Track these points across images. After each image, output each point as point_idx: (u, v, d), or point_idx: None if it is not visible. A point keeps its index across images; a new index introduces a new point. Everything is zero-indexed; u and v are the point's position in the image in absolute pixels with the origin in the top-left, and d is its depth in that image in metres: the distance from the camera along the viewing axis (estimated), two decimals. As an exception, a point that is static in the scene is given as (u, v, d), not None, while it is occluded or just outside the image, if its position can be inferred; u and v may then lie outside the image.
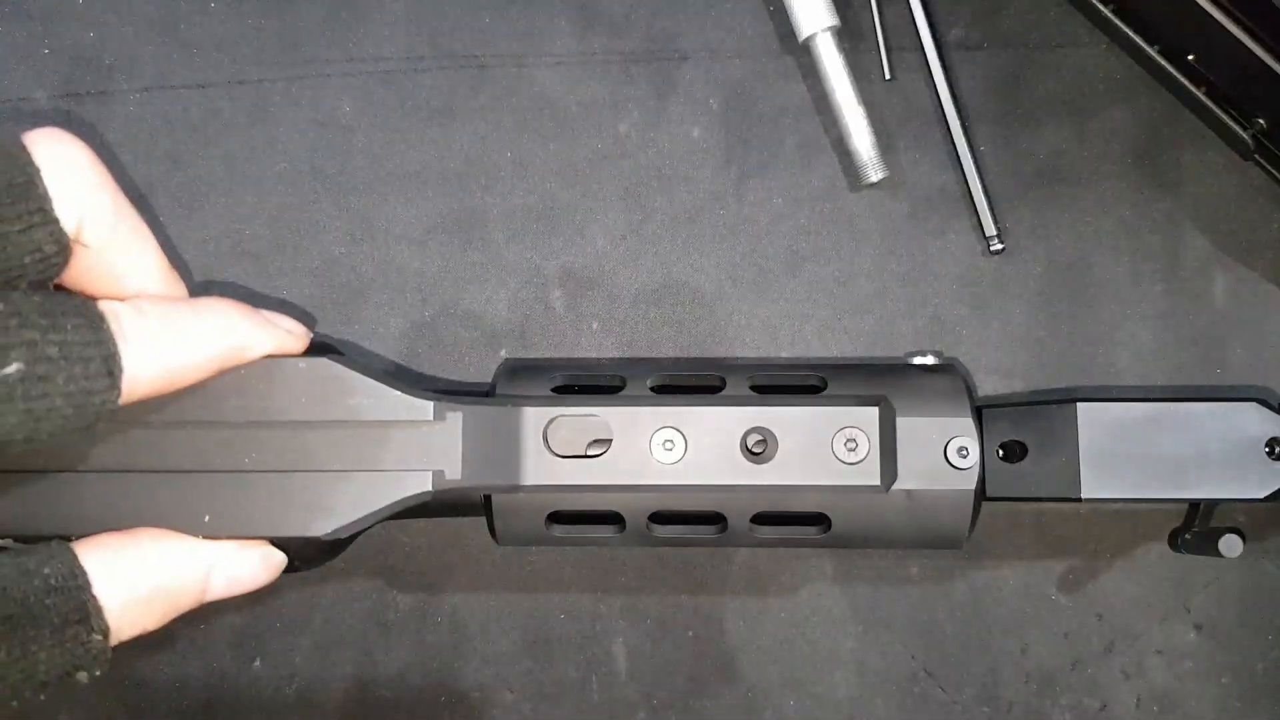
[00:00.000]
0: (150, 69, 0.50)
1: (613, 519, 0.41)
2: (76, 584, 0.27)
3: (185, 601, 0.30)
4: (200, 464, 0.35)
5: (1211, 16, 0.44)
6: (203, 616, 0.48)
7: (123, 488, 0.34)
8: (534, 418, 0.38)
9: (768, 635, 0.48)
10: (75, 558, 0.27)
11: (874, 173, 0.48)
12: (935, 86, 0.49)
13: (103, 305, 0.26)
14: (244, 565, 0.32)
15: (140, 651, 0.48)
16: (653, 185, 0.49)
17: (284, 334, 0.33)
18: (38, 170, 0.25)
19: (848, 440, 0.38)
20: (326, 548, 0.37)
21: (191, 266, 0.49)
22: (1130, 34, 0.48)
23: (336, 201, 0.49)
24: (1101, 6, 0.48)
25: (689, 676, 0.48)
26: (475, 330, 0.49)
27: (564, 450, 0.38)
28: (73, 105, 0.50)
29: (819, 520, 0.41)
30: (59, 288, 0.29)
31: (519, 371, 0.43)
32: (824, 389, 0.42)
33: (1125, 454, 0.42)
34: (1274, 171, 0.47)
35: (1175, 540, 0.47)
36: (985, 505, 0.43)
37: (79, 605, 0.26)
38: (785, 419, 0.38)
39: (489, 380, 0.47)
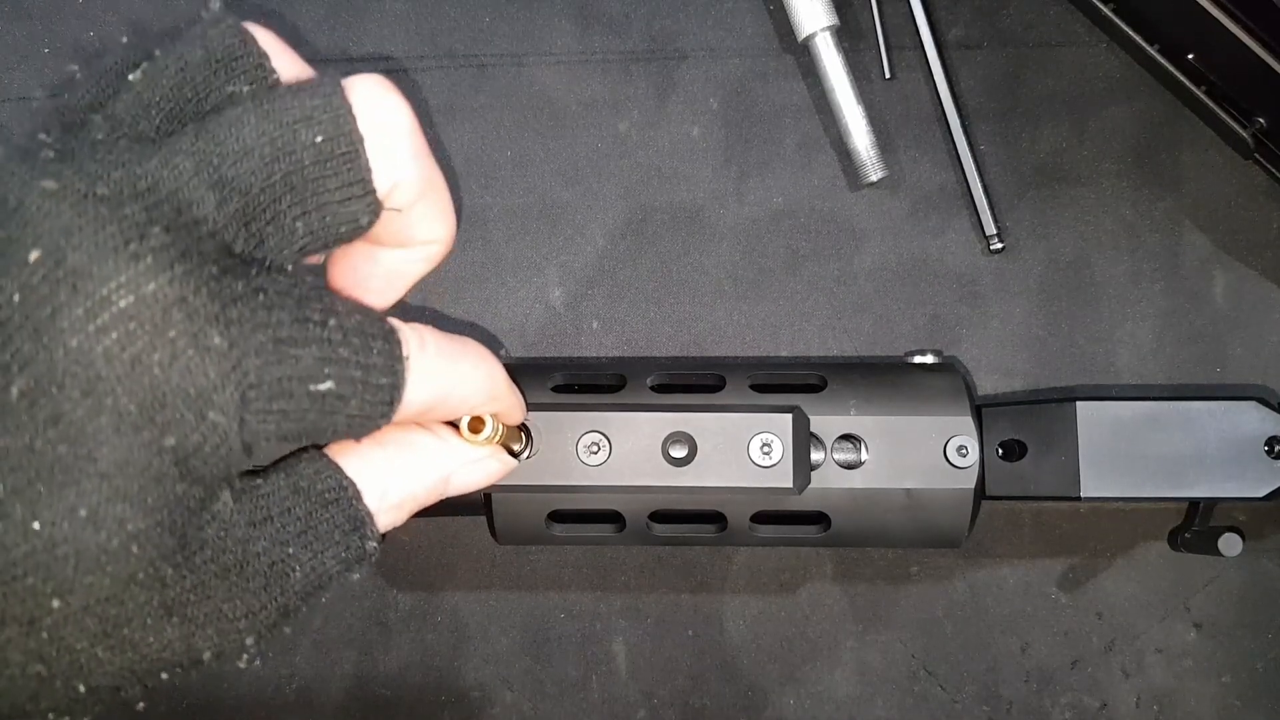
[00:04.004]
0: (150, 68, 0.50)
1: (612, 517, 0.41)
2: (347, 496, 0.28)
3: (428, 502, 0.31)
4: None
5: (1211, 15, 0.44)
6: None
7: None
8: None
9: (768, 634, 0.48)
10: (340, 470, 0.28)
11: (873, 172, 0.48)
12: (935, 85, 0.49)
13: (396, 329, 0.27)
14: (480, 468, 0.33)
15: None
16: (652, 184, 0.49)
17: (517, 402, 0.34)
18: (362, 140, 0.25)
19: (763, 445, 0.39)
20: None
21: (191, 266, 0.49)
22: (1130, 33, 0.48)
23: (336, 201, 0.49)
24: (1101, 5, 0.48)
25: (689, 675, 0.48)
26: (475, 330, 0.49)
27: None
28: (72, 105, 0.50)
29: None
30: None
31: (518, 371, 0.43)
32: (824, 388, 0.42)
33: (1125, 453, 0.42)
34: (1274, 170, 0.47)
35: (1175, 539, 0.47)
36: (985, 504, 0.43)
37: (353, 516, 0.28)
38: (705, 425, 0.39)
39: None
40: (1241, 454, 0.42)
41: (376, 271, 0.30)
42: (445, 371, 0.29)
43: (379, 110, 0.26)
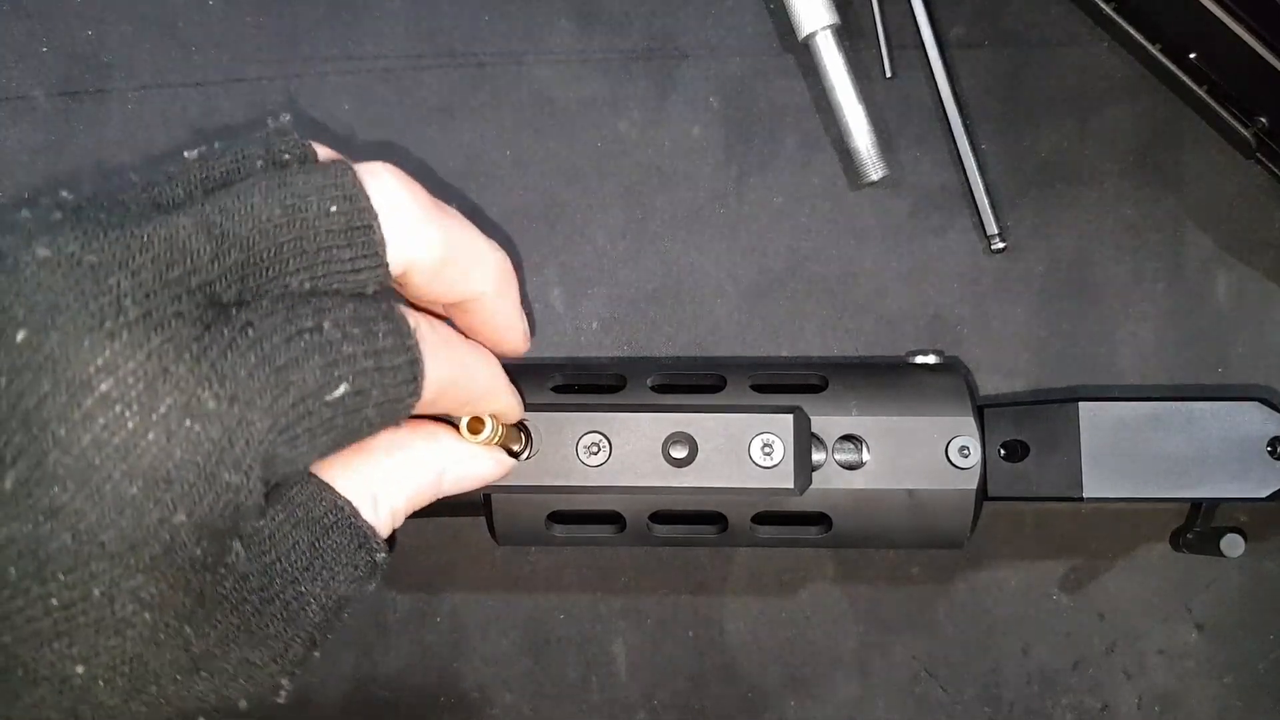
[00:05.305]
0: (148, 67, 0.50)
1: (612, 518, 0.41)
2: (345, 516, 0.28)
3: (423, 503, 0.31)
4: None
5: (1213, 15, 0.44)
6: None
7: None
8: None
9: (768, 635, 0.48)
10: (332, 490, 0.28)
11: (874, 171, 0.48)
12: (936, 84, 0.48)
13: (396, 306, 0.27)
14: (474, 465, 0.33)
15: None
16: (653, 184, 0.49)
17: (515, 400, 0.34)
18: (376, 216, 0.26)
19: (764, 445, 0.39)
20: None
21: (190, 266, 0.49)
22: (1132, 32, 0.48)
23: (336, 200, 0.49)
24: (1103, 4, 0.48)
25: (689, 676, 0.48)
26: (475, 329, 0.49)
27: None
28: (71, 103, 0.50)
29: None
30: None
31: (519, 371, 0.43)
32: (824, 389, 0.41)
33: (1127, 453, 0.42)
34: (1276, 170, 0.47)
35: (1177, 540, 0.46)
36: (986, 505, 0.43)
37: (356, 534, 0.28)
38: (705, 425, 0.39)
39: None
40: (1244, 454, 0.42)
41: (485, 320, 0.31)
42: (457, 348, 0.29)
43: (388, 192, 0.26)
